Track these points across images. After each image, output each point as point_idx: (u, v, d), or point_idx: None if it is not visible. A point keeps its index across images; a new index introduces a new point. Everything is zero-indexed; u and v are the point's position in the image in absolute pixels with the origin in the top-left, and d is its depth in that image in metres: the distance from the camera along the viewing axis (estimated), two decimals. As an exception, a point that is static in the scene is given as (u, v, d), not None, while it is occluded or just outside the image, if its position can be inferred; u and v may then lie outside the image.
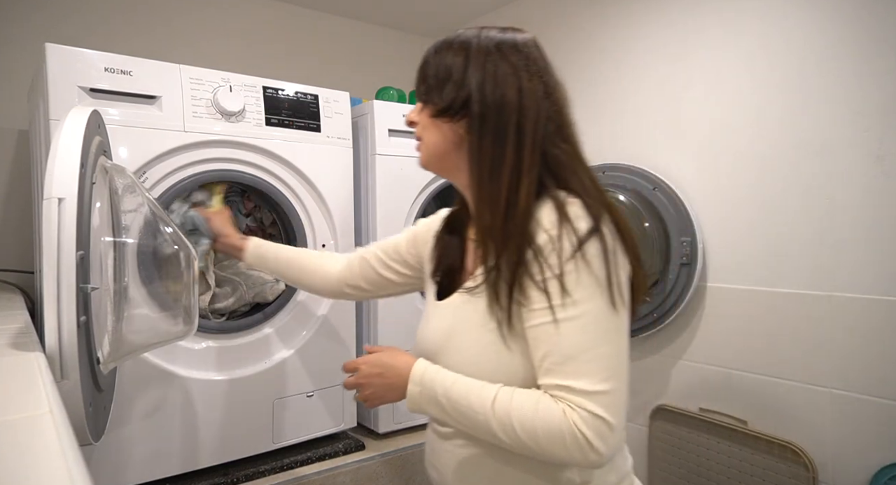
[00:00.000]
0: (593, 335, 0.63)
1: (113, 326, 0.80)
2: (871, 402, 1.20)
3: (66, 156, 0.70)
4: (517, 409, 0.64)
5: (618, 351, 0.64)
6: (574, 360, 0.62)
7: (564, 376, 0.62)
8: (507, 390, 0.66)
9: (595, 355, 0.62)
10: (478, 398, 0.66)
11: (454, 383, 0.69)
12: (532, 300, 0.66)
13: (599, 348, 0.62)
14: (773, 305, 1.36)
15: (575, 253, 0.64)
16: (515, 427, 0.63)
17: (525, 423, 0.63)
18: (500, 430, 0.64)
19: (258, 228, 1.50)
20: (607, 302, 0.64)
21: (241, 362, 1.28)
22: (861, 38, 1.22)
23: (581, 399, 0.61)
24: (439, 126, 0.76)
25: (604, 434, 0.60)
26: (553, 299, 0.64)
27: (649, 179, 1.57)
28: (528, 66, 0.74)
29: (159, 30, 1.78)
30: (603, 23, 1.75)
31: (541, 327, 0.65)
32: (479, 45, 0.73)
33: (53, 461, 0.37)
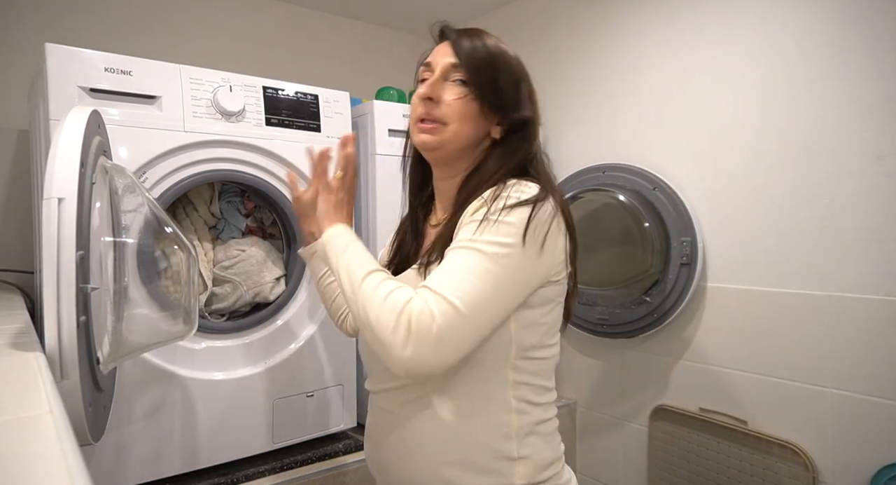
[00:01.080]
0: (480, 270, 0.66)
1: (113, 326, 0.80)
2: (871, 402, 1.20)
3: (65, 156, 0.70)
4: (381, 282, 0.68)
5: (493, 296, 0.66)
6: (448, 276, 0.66)
7: (432, 281, 0.66)
8: (382, 274, 0.71)
9: (469, 282, 0.65)
10: (364, 263, 0.72)
11: (357, 250, 0.75)
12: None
13: (478, 282, 0.65)
14: (773, 305, 1.36)
15: (502, 209, 0.69)
16: (366, 288, 0.68)
17: (378, 289, 0.67)
18: (352, 287, 0.70)
19: (258, 228, 1.50)
20: (513, 256, 0.67)
21: (241, 362, 1.28)
22: (862, 37, 1.22)
23: (430, 295, 0.64)
24: (480, 123, 0.80)
25: (424, 332, 0.62)
26: (465, 234, 0.69)
27: (649, 179, 1.57)
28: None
29: (159, 30, 1.77)
30: (603, 23, 1.75)
31: (447, 255, 0.70)
32: (521, 63, 0.87)
33: (53, 461, 0.37)
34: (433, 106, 0.78)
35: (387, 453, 0.80)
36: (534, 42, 1.97)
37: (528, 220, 0.68)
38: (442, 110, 0.78)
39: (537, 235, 0.69)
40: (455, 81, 0.79)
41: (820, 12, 1.28)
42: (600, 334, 1.70)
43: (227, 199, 1.46)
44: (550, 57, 1.92)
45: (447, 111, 0.78)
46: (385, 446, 0.80)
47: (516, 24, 2.03)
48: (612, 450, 1.72)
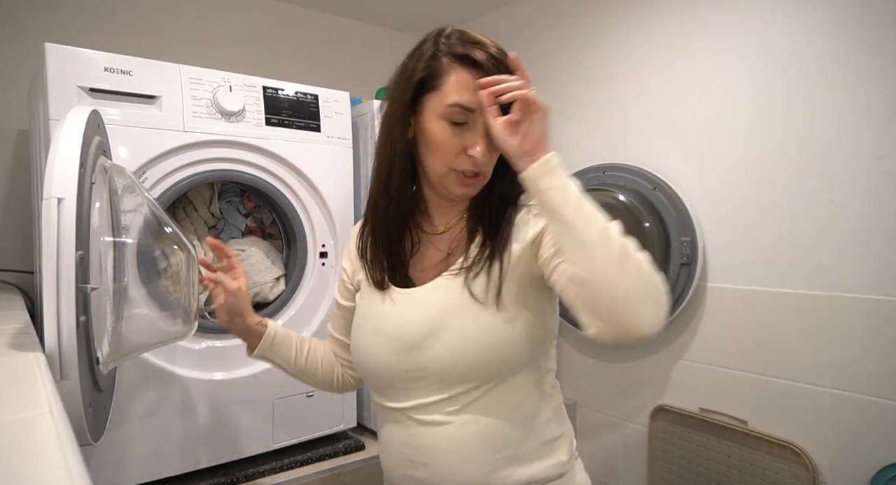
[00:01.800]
0: None
1: (112, 326, 0.80)
2: (871, 402, 1.20)
3: (65, 156, 0.70)
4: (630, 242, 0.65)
5: None
6: None
7: None
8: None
9: None
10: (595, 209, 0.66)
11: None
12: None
13: None
14: (773, 305, 1.36)
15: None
16: (629, 246, 0.63)
17: (637, 249, 0.64)
18: (619, 239, 0.63)
19: (258, 227, 1.50)
20: None
21: (241, 362, 1.28)
22: (862, 37, 1.22)
23: None
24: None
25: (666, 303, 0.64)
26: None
27: (649, 179, 1.57)
28: None
29: (159, 30, 1.77)
30: (604, 23, 1.75)
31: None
32: None
33: (53, 461, 0.37)
34: (485, 163, 0.74)
35: (439, 467, 0.76)
36: (534, 42, 1.97)
37: None
38: (490, 165, 0.76)
39: None
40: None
41: (820, 13, 1.28)
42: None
43: (226, 199, 1.46)
44: (550, 57, 1.92)
45: (492, 162, 0.76)
46: (436, 460, 0.76)
47: (516, 24, 2.03)
48: (612, 450, 1.72)
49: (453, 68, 0.72)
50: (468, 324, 0.73)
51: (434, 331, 0.74)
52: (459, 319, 0.74)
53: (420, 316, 0.76)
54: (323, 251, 1.40)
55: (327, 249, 1.41)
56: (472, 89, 0.70)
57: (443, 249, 0.81)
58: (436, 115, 0.73)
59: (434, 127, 0.73)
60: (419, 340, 0.75)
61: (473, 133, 0.73)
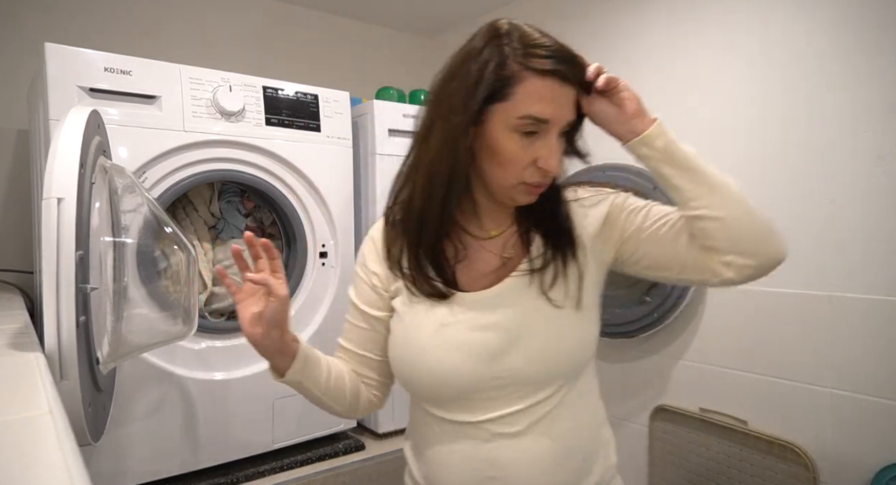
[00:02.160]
0: None
1: (112, 326, 0.80)
2: (871, 402, 1.20)
3: (65, 156, 0.70)
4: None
5: None
6: None
7: None
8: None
9: None
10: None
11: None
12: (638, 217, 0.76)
13: None
14: (773, 305, 1.36)
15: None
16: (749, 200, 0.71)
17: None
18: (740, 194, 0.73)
19: (258, 227, 1.50)
20: None
21: (241, 362, 1.28)
22: (862, 37, 1.22)
23: None
24: None
25: None
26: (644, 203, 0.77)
27: (649, 179, 1.57)
28: None
29: (159, 30, 1.77)
30: (603, 23, 1.75)
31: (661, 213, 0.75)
32: None
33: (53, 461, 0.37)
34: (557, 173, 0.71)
35: (514, 480, 0.72)
36: (534, 42, 1.97)
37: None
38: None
39: None
40: (558, 137, 0.69)
41: (820, 13, 1.28)
42: (600, 334, 1.69)
43: (226, 199, 1.46)
44: (550, 57, 1.91)
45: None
46: (511, 473, 0.72)
47: (516, 24, 2.02)
48: (612, 450, 1.72)
49: (524, 76, 0.66)
50: (550, 326, 0.72)
51: (517, 336, 0.71)
52: (540, 323, 0.72)
53: (500, 322, 0.72)
54: (323, 251, 1.40)
55: (327, 249, 1.41)
56: (545, 98, 0.66)
57: (497, 253, 0.77)
58: (505, 127, 0.67)
59: (503, 139, 0.67)
60: (504, 346, 0.71)
61: (545, 143, 0.68)
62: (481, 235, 0.78)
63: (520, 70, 0.66)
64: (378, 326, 0.80)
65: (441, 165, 0.70)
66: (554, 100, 0.67)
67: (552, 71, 0.66)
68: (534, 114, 0.66)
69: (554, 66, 0.66)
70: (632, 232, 0.75)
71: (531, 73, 0.66)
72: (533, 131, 0.67)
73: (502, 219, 0.79)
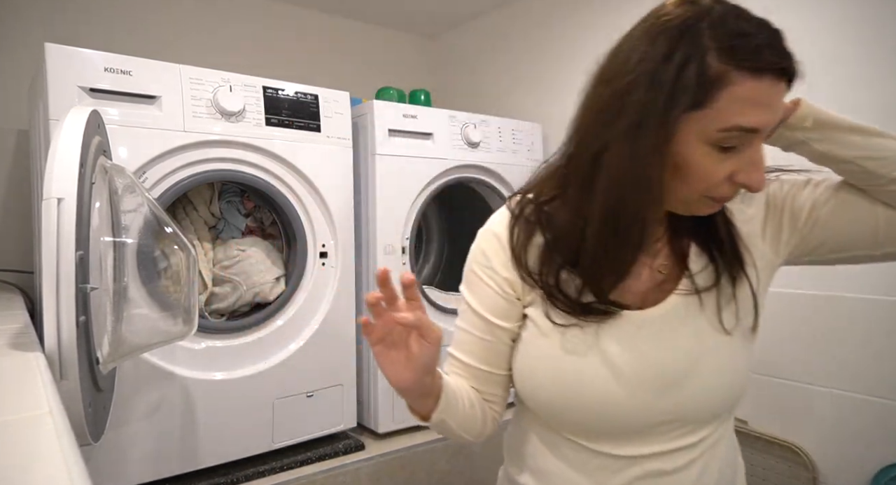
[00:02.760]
0: None
1: (112, 326, 0.80)
2: (871, 402, 1.20)
3: (65, 156, 0.70)
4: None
5: None
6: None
7: None
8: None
9: None
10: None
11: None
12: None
13: None
14: (772, 305, 1.35)
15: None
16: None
17: None
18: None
19: (258, 228, 1.50)
20: None
21: (241, 362, 1.28)
22: (862, 38, 1.22)
23: None
24: None
25: None
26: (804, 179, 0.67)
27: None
28: None
29: (159, 30, 1.78)
30: (602, 23, 1.75)
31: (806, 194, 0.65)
32: None
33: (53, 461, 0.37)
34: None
35: None
36: (533, 41, 1.97)
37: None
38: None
39: None
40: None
41: (820, 13, 1.28)
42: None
43: (226, 199, 1.46)
44: (550, 56, 1.91)
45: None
46: None
47: (516, 23, 2.03)
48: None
49: (731, 78, 0.51)
50: (721, 355, 0.62)
51: (693, 364, 0.61)
52: (712, 351, 0.61)
53: (676, 347, 0.61)
54: (323, 251, 1.40)
55: (327, 250, 1.41)
56: (760, 103, 0.52)
57: (648, 265, 0.65)
58: (700, 140, 0.54)
59: (696, 154, 0.54)
60: (678, 377, 0.60)
61: (748, 155, 0.54)
62: (655, 263, 0.66)
63: (725, 70, 0.51)
64: (505, 339, 0.67)
65: (627, 201, 0.56)
66: (768, 104, 0.53)
67: (768, 68, 0.51)
68: (743, 124, 0.52)
69: (770, 61, 0.52)
70: (807, 215, 0.63)
71: (741, 73, 0.51)
72: (735, 145, 0.54)
73: (656, 226, 0.64)
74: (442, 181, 1.60)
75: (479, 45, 2.22)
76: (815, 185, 0.65)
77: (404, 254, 1.53)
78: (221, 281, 1.36)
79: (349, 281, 1.44)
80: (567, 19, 1.86)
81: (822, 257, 0.66)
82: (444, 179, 1.60)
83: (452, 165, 1.60)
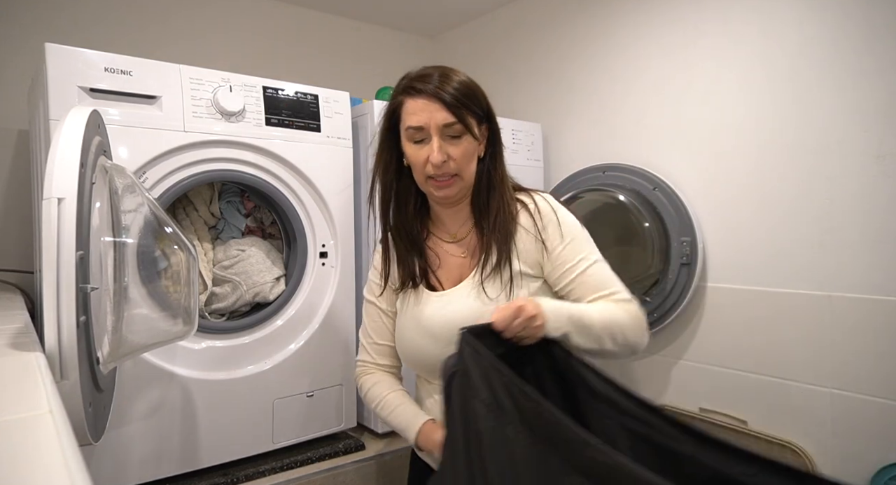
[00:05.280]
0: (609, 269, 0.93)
1: (113, 326, 0.80)
2: (871, 402, 1.20)
3: (65, 156, 0.70)
4: (613, 315, 0.86)
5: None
6: (618, 283, 0.92)
7: (620, 290, 0.91)
8: (596, 306, 0.87)
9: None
10: (595, 314, 0.85)
11: (568, 310, 0.83)
12: (555, 265, 0.91)
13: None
14: (773, 305, 1.36)
15: (577, 227, 0.94)
16: (616, 332, 0.85)
17: (624, 326, 0.87)
18: (610, 338, 0.85)
19: (258, 228, 1.50)
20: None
21: (241, 362, 1.28)
22: (862, 37, 1.22)
23: (632, 303, 0.91)
24: (475, 153, 0.93)
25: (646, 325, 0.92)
26: (583, 252, 0.91)
27: (649, 179, 1.57)
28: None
29: (159, 30, 1.77)
30: (603, 22, 1.75)
31: (581, 275, 0.90)
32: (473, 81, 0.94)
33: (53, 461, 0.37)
34: (446, 166, 0.88)
35: None
36: (534, 41, 1.97)
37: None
38: (452, 166, 0.89)
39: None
40: (453, 138, 0.88)
41: (820, 12, 1.28)
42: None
43: (226, 199, 1.46)
44: (550, 56, 1.92)
45: (458, 164, 0.89)
46: None
47: (516, 23, 2.03)
48: (612, 450, 1.71)
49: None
50: (486, 315, 0.82)
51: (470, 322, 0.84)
52: (487, 314, 0.83)
53: (457, 313, 0.90)
54: (323, 251, 1.40)
55: (327, 250, 1.41)
56: (422, 111, 0.88)
57: (461, 255, 0.97)
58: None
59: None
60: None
61: (434, 149, 0.87)
62: (448, 239, 1.01)
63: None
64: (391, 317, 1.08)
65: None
66: (419, 111, 0.89)
67: (410, 90, 0.91)
68: (407, 122, 0.90)
69: (409, 87, 0.91)
70: (552, 279, 0.93)
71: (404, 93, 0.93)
72: (421, 140, 0.90)
73: (459, 227, 1.01)
74: (442, 181, 1.59)
75: (479, 45, 2.22)
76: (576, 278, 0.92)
77: (404, 254, 1.53)
78: (221, 281, 1.36)
79: (349, 281, 1.44)
80: (567, 19, 1.86)
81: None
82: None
83: (452, 165, 1.60)
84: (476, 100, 0.90)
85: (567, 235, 0.91)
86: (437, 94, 0.86)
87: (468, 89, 0.89)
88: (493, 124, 0.94)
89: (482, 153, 0.94)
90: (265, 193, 1.32)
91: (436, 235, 1.00)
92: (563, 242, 0.91)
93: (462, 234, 0.98)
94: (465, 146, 0.89)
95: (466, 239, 0.98)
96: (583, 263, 0.90)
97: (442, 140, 0.87)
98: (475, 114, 0.90)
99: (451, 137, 0.88)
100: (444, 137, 0.88)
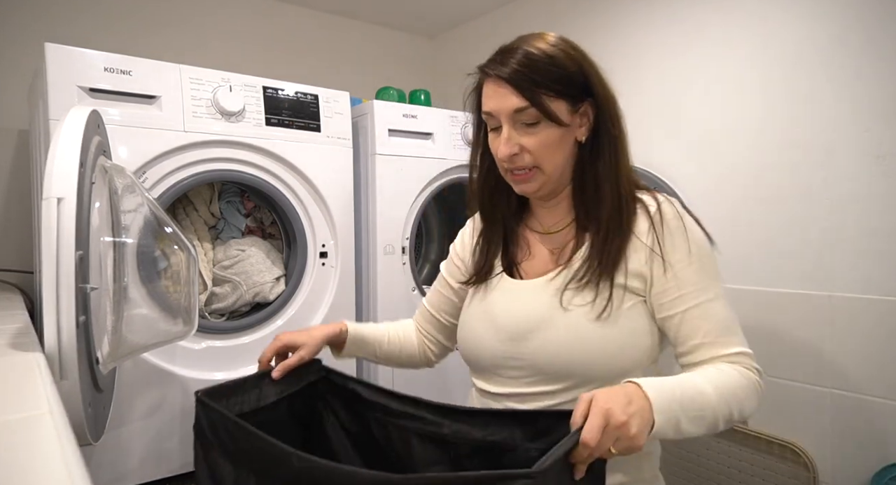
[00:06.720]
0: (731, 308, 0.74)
1: (113, 326, 0.80)
2: (871, 402, 1.20)
3: (65, 156, 0.70)
4: (732, 390, 0.67)
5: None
6: (738, 332, 0.73)
7: (740, 346, 0.72)
8: (711, 376, 0.68)
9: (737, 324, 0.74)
10: (702, 397, 0.65)
11: (680, 392, 0.64)
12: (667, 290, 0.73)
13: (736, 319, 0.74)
14: (773, 305, 1.36)
15: (700, 245, 0.77)
16: (734, 410, 0.67)
17: (743, 401, 0.67)
18: (725, 420, 0.67)
19: (258, 228, 1.50)
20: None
21: (241, 362, 1.28)
22: (862, 37, 1.22)
23: (749, 360, 0.71)
24: (564, 138, 0.76)
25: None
26: (699, 283, 0.73)
27: (649, 179, 1.57)
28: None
29: (159, 29, 1.77)
30: (603, 22, 1.75)
31: (695, 310, 0.72)
32: (568, 48, 0.76)
33: (53, 461, 0.37)
34: (519, 158, 0.74)
35: None
36: (534, 42, 1.96)
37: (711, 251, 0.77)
38: (527, 158, 0.74)
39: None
40: (528, 125, 0.73)
41: (820, 12, 1.28)
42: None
43: (226, 199, 1.46)
44: (550, 57, 1.91)
45: (535, 156, 0.74)
46: None
47: (516, 23, 2.03)
48: (612, 450, 1.71)
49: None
50: (558, 325, 0.73)
51: (536, 326, 0.75)
52: (560, 320, 0.74)
53: (525, 309, 0.77)
54: (323, 251, 1.40)
55: (327, 250, 1.41)
56: (492, 97, 0.75)
57: (550, 249, 0.83)
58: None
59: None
60: (523, 332, 0.76)
61: (502, 140, 0.75)
62: (541, 230, 0.89)
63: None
64: (450, 293, 0.96)
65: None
66: (489, 97, 0.76)
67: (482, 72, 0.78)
68: (475, 106, 0.81)
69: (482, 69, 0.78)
70: (656, 306, 0.74)
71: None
72: (494, 128, 0.78)
73: (558, 221, 0.86)
74: (442, 181, 1.60)
75: (479, 45, 2.22)
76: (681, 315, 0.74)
77: (404, 254, 1.53)
78: (221, 281, 1.36)
79: (349, 281, 1.44)
80: (566, 20, 1.86)
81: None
82: (444, 179, 1.60)
83: (452, 164, 1.60)
84: (563, 74, 0.73)
85: (695, 254, 0.74)
86: (504, 75, 0.72)
87: (550, 63, 0.72)
88: (600, 101, 0.77)
89: (583, 138, 0.77)
90: (265, 193, 1.32)
91: (528, 224, 0.86)
92: (689, 261, 0.73)
93: (557, 228, 0.82)
94: (543, 134, 0.73)
95: (561, 233, 0.82)
96: (702, 294, 0.71)
97: (514, 129, 0.73)
98: (561, 93, 0.72)
99: (527, 125, 0.73)
100: (518, 125, 0.73)
